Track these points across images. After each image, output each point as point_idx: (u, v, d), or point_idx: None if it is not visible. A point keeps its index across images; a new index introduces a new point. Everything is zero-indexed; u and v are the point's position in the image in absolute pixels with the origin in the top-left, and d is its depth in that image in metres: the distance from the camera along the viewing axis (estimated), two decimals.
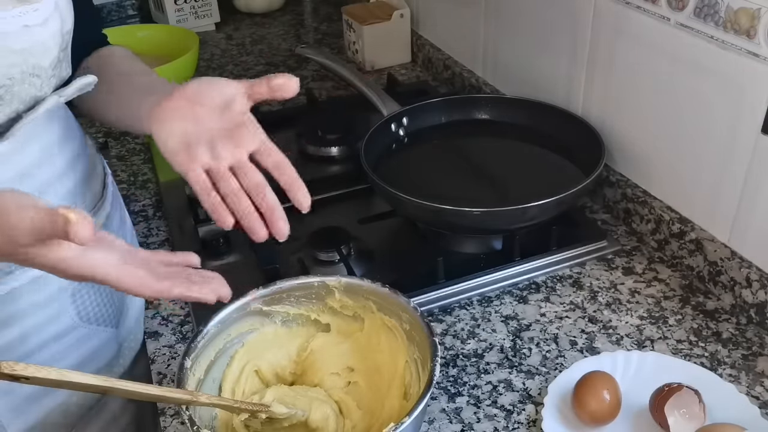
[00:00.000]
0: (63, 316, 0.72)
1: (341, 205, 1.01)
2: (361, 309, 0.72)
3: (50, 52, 0.62)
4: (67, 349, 0.73)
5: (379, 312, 0.70)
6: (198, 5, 1.70)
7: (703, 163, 0.83)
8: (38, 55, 0.61)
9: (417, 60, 1.51)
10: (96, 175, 0.78)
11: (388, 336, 0.70)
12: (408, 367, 0.68)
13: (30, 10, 0.59)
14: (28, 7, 0.59)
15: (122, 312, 0.81)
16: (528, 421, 0.70)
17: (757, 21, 0.71)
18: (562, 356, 0.77)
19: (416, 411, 0.56)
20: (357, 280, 0.71)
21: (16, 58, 0.59)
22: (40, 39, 0.61)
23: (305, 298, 0.72)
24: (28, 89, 0.61)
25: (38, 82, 0.62)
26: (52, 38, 0.62)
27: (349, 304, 0.72)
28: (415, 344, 0.67)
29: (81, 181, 0.73)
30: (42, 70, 0.62)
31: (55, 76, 0.65)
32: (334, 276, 0.71)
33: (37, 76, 0.62)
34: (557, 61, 1.06)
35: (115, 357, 0.81)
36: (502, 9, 1.17)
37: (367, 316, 0.72)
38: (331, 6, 1.87)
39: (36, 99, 0.63)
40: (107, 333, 0.78)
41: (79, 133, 0.76)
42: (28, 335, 0.69)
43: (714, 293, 0.84)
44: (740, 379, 0.73)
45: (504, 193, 0.97)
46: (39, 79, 0.62)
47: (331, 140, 1.16)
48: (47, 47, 0.62)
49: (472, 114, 1.12)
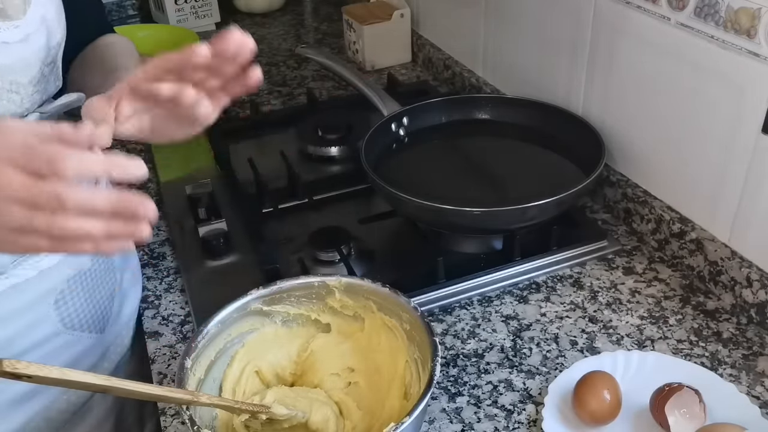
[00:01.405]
0: (45, 323, 0.71)
1: (341, 205, 1.01)
2: (362, 309, 0.72)
3: (31, 69, 0.61)
4: (50, 354, 0.72)
5: (379, 312, 0.71)
6: (198, 5, 1.70)
7: (703, 163, 0.83)
8: (17, 72, 0.60)
9: (417, 60, 1.51)
10: None
11: (389, 336, 0.70)
12: (408, 367, 0.68)
13: (10, 26, 0.58)
14: (8, 24, 0.58)
15: (108, 317, 0.80)
16: (528, 421, 0.70)
17: (757, 21, 0.71)
18: (562, 356, 0.77)
19: (416, 411, 0.56)
20: (357, 280, 0.71)
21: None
22: (20, 56, 0.60)
23: (305, 298, 0.72)
24: (7, 105, 0.60)
25: (17, 99, 0.61)
26: (34, 54, 0.61)
27: (350, 304, 0.72)
28: (415, 344, 0.67)
29: None
30: (21, 86, 0.61)
31: (38, 91, 0.63)
32: (335, 276, 0.72)
33: (16, 92, 0.60)
34: (558, 60, 1.06)
35: (100, 361, 0.79)
36: (503, 9, 1.17)
37: (367, 316, 0.72)
38: (331, 6, 1.87)
39: (16, 115, 0.62)
40: (92, 339, 0.77)
41: None
42: (11, 341, 0.68)
43: (714, 293, 0.84)
44: (741, 379, 0.73)
45: (504, 193, 0.97)
46: (18, 95, 0.61)
47: (331, 140, 1.16)
48: (28, 64, 0.61)
49: (472, 114, 1.12)
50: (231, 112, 1.31)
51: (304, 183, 1.03)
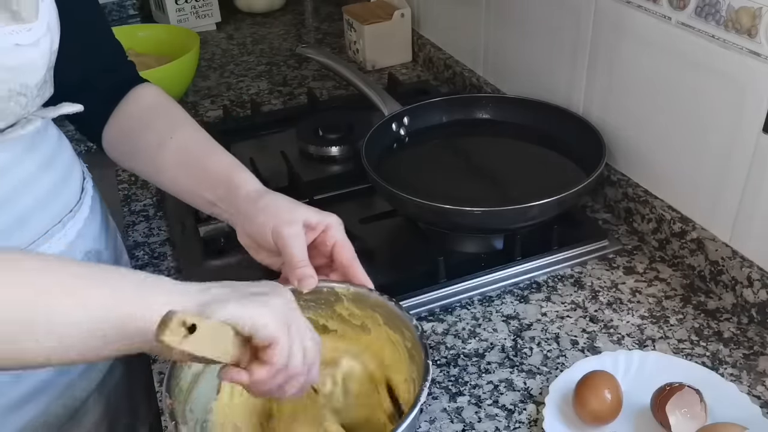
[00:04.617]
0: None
1: (342, 204, 1.01)
2: (369, 320, 0.71)
3: (38, 72, 0.62)
4: None
5: (385, 325, 0.70)
6: (199, 5, 1.70)
7: (704, 163, 0.83)
8: (27, 75, 0.61)
9: (418, 59, 1.51)
10: (73, 177, 0.76)
11: (392, 351, 0.69)
12: (407, 385, 0.67)
13: (23, 29, 0.59)
14: (21, 27, 0.59)
15: None
16: (529, 421, 0.70)
17: (758, 20, 0.71)
18: (563, 356, 0.77)
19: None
20: (365, 290, 0.70)
21: (5, 75, 0.58)
22: (31, 59, 0.61)
23: (314, 302, 0.72)
24: (14, 107, 0.61)
25: (24, 101, 0.62)
26: (41, 58, 0.62)
27: (357, 314, 0.71)
28: (414, 364, 0.65)
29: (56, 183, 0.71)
30: (28, 89, 0.61)
31: (40, 95, 0.64)
32: (344, 283, 0.71)
33: (24, 95, 0.61)
34: (558, 60, 1.06)
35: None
36: (503, 8, 1.17)
37: (374, 327, 0.71)
38: (331, 5, 1.87)
39: (19, 117, 0.63)
40: None
41: (54, 132, 0.74)
42: None
43: (715, 293, 0.84)
44: (741, 379, 0.73)
45: (505, 193, 0.97)
46: (25, 98, 0.61)
47: (331, 140, 1.16)
48: (36, 67, 0.62)
49: (472, 113, 1.12)
50: (231, 112, 1.31)
51: (304, 183, 1.03)
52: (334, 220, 0.72)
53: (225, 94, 1.42)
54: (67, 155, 0.76)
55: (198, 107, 1.36)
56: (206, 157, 0.76)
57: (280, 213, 0.69)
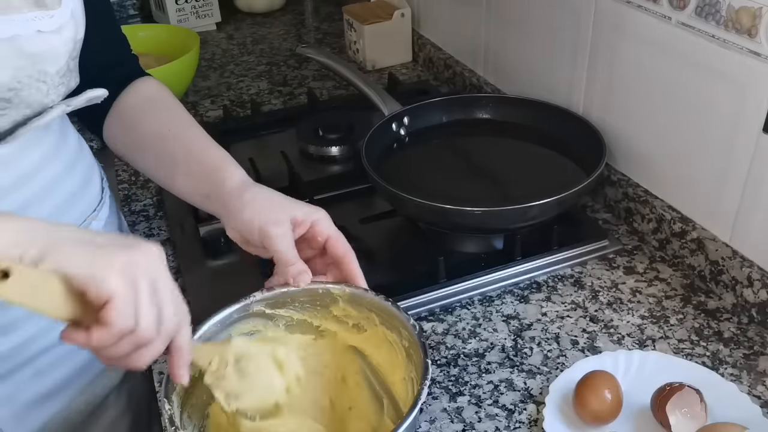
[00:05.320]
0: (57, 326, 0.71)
1: (342, 204, 1.01)
2: (365, 320, 0.70)
3: (59, 60, 0.62)
4: (68, 354, 0.72)
5: (381, 326, 0.69)
6: (199, 5, 1.70)
7: (704, 162, 0.83)
8: (47, 62, 0.61)
9: (418, 59, 1.51)
10: (94, 179, 0.78)
11: (389, 351, 0.69)
12: (405, 385, 0.66)
13: (45, 16, 0.59)
14: (44, 13, 0.59)
15: None
16: (529, 421, 0.70)
17: (758, 20, 0.71)
18: (563, 356, 0.77)
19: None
20: (361, 291, 0.69)
21: (26, 61, 0.59)
22: (52, 46, 0.61)
23: (309, 304, 0.71)
24: (35, 95, 0.61)
25: (44, 88, 0.62)
26: (64, 45, 0.62)
27: (353, 315, 0.70)
28: (412, 363, 0.65)
29: (80, 184, 0.73)
30: (48, 76, 0.62)
31: (63, 84, 0.65)
32: (339, 284, 0.71)
33: (44, 82, 0.61)
34: (558, 60, 1.06)
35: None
36: (503, 8, 1.17)
37: (370, 328, 0.70)
38: (332, 5, 1.87)
39: (43, 105, 0.63)
40: None
41: (74, 135, 0.76)
42: (30, 341, 0.69)
43: (715, 293, 0.84)
44: (742, 379, 0.73)
45: (505, 193, 0.97)
46: (45, 85, 0.62)
47: (331, 140, 1.16)
48: (57, 54, 0.62)
49: (473, 113, 1.12)
50: (232, 112, 1.31)
51: (304, 183, 1.03)
52: (321, 215, 0.70)
53: (225, 94, 1.42)
54: (87, 158, 0.78)
55: (198, 107, 1.36)
56: (201, 151, 0.75)
57: (266, 210, 0.68)
